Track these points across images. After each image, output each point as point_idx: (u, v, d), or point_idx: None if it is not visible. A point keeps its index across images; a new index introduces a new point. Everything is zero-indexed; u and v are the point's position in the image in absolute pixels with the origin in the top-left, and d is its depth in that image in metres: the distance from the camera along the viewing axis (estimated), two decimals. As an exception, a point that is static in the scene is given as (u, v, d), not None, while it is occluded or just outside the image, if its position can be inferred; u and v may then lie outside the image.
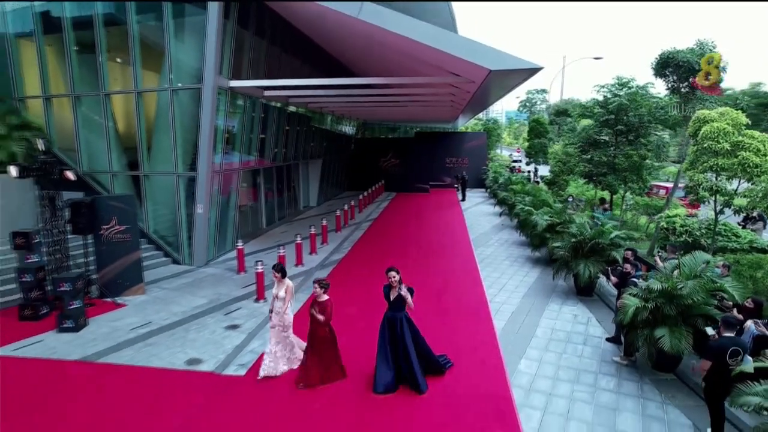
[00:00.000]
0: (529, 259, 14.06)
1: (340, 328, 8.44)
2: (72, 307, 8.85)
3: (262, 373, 7.09)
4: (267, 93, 15.38)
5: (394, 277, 6.61)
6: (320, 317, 6.67)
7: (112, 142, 14.01)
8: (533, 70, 9.26)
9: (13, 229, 9.88)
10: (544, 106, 67.28)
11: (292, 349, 7.40)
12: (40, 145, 9.76)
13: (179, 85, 12.82)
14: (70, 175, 9.95)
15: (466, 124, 53.98)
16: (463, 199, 27.94)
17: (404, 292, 6.63)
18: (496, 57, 8.86)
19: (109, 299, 10.44)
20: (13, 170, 9.24)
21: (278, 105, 17.63)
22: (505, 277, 12.41)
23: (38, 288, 9.46)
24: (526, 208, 15.12)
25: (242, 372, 7.30)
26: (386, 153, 33.33)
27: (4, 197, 11.28)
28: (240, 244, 12.93)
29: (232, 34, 12.93)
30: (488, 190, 30.34)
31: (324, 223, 16.56)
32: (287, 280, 7.27)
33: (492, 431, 5.83)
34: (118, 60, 14.12)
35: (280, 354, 7.25)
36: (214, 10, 11.91)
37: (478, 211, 24.29)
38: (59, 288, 8.89)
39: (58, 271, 10.04)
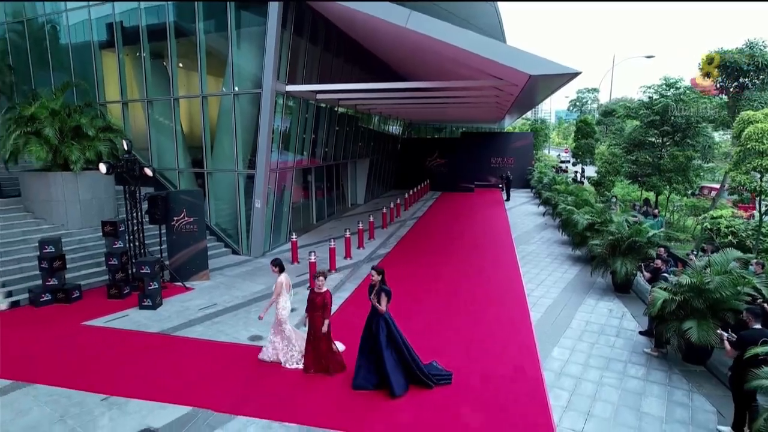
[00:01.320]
0: (570, 257, 14.42)
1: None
2: (151, 287, 10.07)
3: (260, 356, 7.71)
4: (319, 96, 16.39)
5: (373, 276, 6.79)
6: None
7: (179, 142, 15.39)
8: (572, 75, 9.72)
9: (100, 219, 11.31)
10: (594, 105, 65.79)
11: (289, 344, 7.58)
12: (125, 145, 11.05)
13: (236, 89, 13.92)
14: (149, 171, 11.19)
15: (513, 123, 53.75)
16: (508, 199, 28.17)
17: (377, 297, 6.72)
18: (535, 62, 9.39)
19: (178, 283, 11.65)
20: (103, 167, 10.57)
21: (329, 107, 18.64)
22: (544, 273, 12.86)
23: (122, 270, 10.77)
24: (568, 207, 15.43)
25: (298, 348, 8.20)
26: (432, 153, 33.85)
27: (94, 191, 12.80)
28: (294, 236, 13.97)
29: (288, 42, 13.97)
30: (533, 190, 30.43)
31: (371, 219, 17.42)
32: (281, 276, 7.52)
33: (523, 407, 6.44)
34: (187, 67, 15.47)
35: (280, 346, 7.60)
36: (273, 20, 12.94)
37: (522, 210, 24.56)
38: (140, 270, 10.13)
39: (136, 257, 11.33)
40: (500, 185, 31.55)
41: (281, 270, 7.62)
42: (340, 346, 7.70)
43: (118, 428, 5.88)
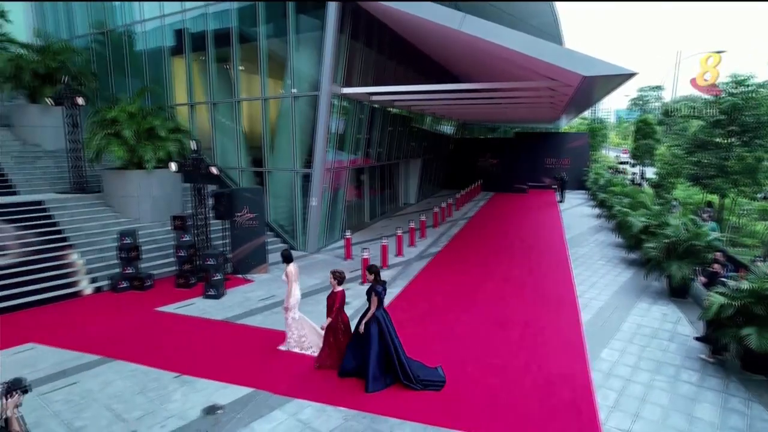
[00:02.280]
0: (624, 260, 14.13)
1: (418, 319, 9.59)
2: (215, 278, 10.80)
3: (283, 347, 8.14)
4: (373, 98, 16.83)
5: (367, 277, 7.11)
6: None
7: (240, 142, 16.26)
8: (628, 75, 9.60)
9: (169, 214, 12.22)
10: (658, 104, 62.88)
11: (289, 330, 8.08)
12: (193, 145, 11.87)
13: (294, 91, 14.56)
14: (215, 170, 11.95)
15: (569, 123, 52.41)
16: (562, 201, 27.67)
17: (369, 297, 7.00)
18: (588, 63, 9.34)
19: (240, 275, 12.39)
20: (173, 166, 11.44)
21: (382, 107, 19.05)
22: (596, 275, 12.70)
23: (189, 262, 11.59)
24: (624, 209, 15.10)
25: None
26: (485, 153, 33.65)
27: (163, 187, 13.81)
28: (348, 234, 14.48)
29: (345, 45, 14.47)
30: (588, 191, 29.71)
31: (423, 218, 17.68)
32: (289, 266, 7.94)
33: (569, 404, 6.55)
34: (248, 71, 16.31)
35: (296, 335, 8.08)
36: (330, 24, 13.46)
37: (576, 212, 24.09)
38: (206, 262, 10.88)
39: (201, 250, 12.13)
40: (554, 186, 31.01)
41: (288, 260, 8.03)
42: None
43: (189, 402, 6.49)
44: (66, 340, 8.46)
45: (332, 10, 13.32)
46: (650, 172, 34.56)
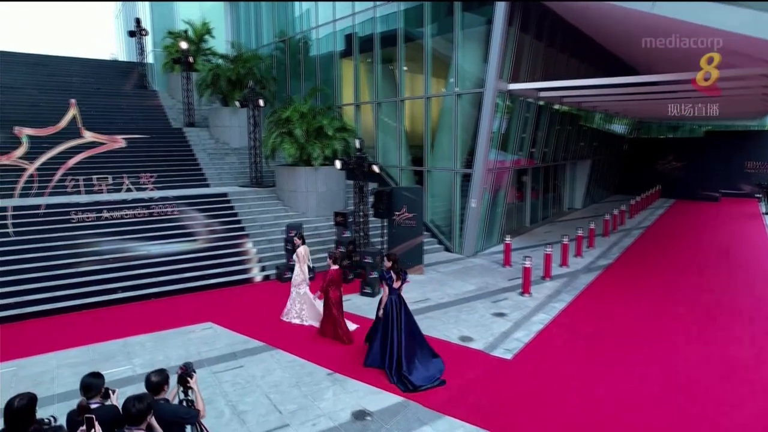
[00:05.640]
0: None
1: (583, 347, 8.35)
2: (371, 276, 10.85)
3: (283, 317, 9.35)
4: (542, 94, 15.62)
5: (385, 263, 7.62)
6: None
7: (402, 141, 16.33)
8: None
9: (332, 210, 12.66)
10: None
11: (292, 303, 9.31)
12: (357, 144, 12.12)
13: (456, 89, 14.08)
14: (376, 168, 12.03)
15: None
16: (767, 212, 23.05)
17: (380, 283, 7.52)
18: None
19: (395, 275, 12.32)
20: (338, 163, 11.81)
21: (549, 105, 17.68)
22: (828, 308, 10.03)
23: (348, 258, 11.84)
24: None
25: (509, 356, 7.83)
26: (665, 154, 29.74)
27: (328, 184, 14.47)
28: (507, 238, 13.60)
29: (513, 39, 13.57)
30: (809, 203, 24.29)
31: (591, 226, 15.96)
32: (300, 248, 9.35)
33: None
34: (411, 70, 16.32)
35: (297, 308, 9.27)
36: (499, 18, 12.72)
37: (789, 227, 19.79)
38: (363, 260, 10.99)
39: (360, 247, 12.33)
40: (758, 195, 26.01)
41: (302, 241, 9.61)
42: (352, 326, 8.76)
43: (340, 403, 6.39)
44: (237, 323, 9.12)
45: (501, 3, 12.58)
46: None
